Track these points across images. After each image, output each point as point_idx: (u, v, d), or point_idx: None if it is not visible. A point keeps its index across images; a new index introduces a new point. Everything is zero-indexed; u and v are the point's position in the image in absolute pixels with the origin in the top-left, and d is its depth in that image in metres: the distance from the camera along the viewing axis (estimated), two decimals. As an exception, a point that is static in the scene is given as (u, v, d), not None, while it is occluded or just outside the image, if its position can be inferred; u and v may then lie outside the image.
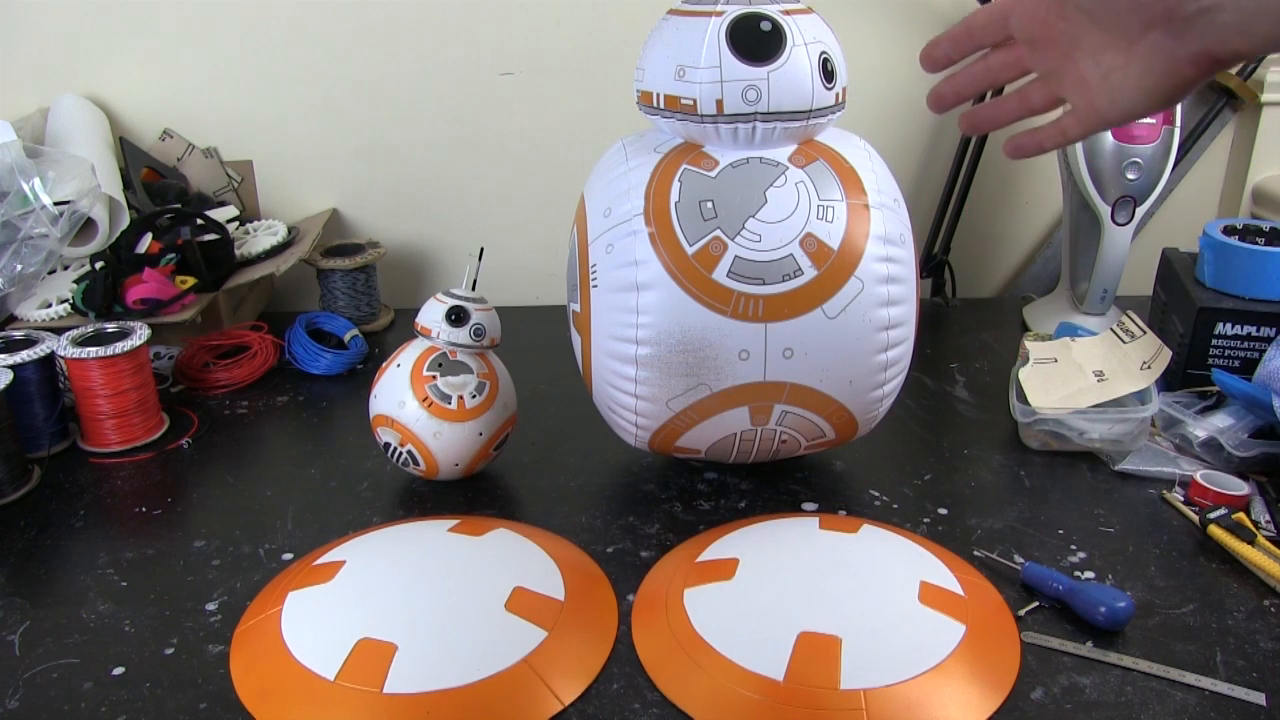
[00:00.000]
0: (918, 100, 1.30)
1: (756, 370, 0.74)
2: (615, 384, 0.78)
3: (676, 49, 0.76)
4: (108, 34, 1.24)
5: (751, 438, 0.80)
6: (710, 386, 0.75)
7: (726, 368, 0.74)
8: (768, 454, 0.84)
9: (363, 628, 0.65)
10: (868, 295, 0.74)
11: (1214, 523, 0.77)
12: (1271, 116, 1.27)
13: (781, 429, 0.80)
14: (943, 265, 1.30)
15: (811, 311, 0.73)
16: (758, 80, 0.73)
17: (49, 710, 0.64)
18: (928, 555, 0.74)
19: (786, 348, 0.74)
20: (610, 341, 0.77)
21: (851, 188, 0.76)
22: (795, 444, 0.83)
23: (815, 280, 0.73)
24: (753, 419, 0.78)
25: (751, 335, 0.73)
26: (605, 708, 0.63)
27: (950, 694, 0.62)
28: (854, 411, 0.80)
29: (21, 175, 1.02)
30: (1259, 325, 0.94)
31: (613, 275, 0.75)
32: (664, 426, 0.79)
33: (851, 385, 0.77)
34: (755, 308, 0.73)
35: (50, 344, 0.93)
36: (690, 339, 0.74)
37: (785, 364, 0.74)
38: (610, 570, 0.76)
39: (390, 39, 1.25)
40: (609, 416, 0.84)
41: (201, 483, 0.91)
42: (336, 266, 1.20)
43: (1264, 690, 0.63)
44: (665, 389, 0.76)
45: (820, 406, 0.78)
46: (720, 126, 0.75)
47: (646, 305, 0.74)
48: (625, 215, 0.76)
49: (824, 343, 0.74)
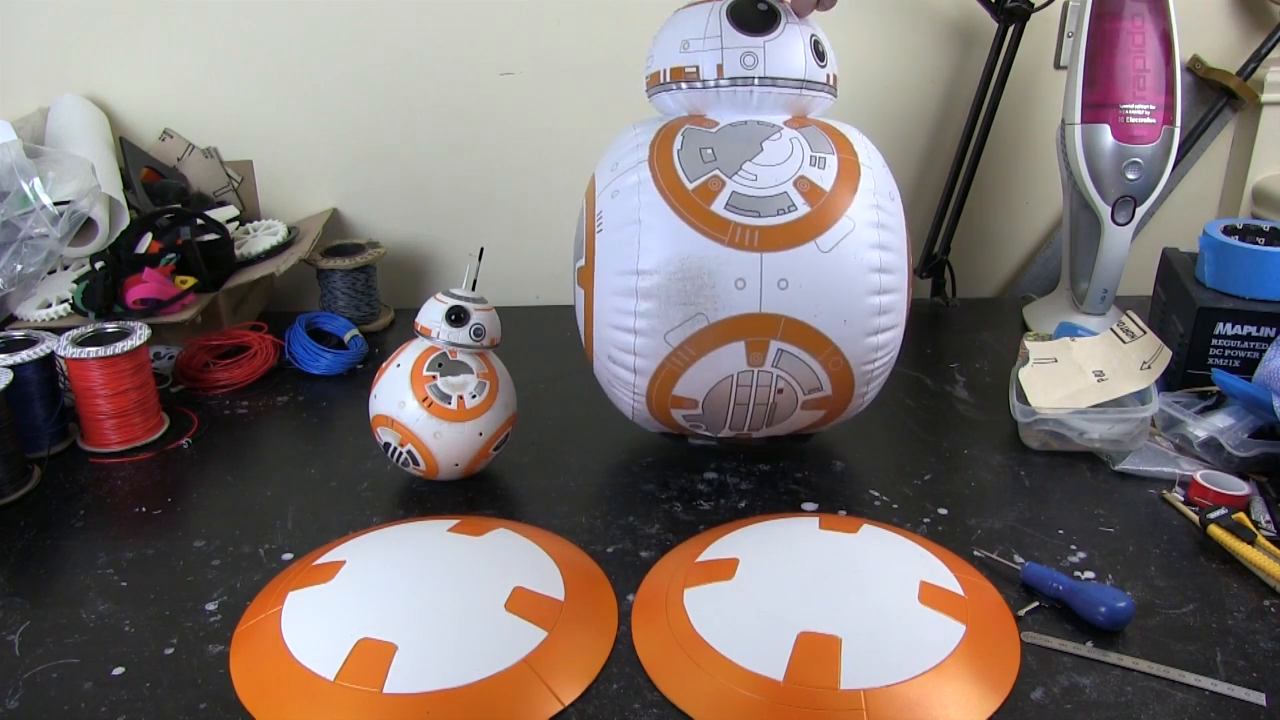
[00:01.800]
0: (918, 101, 1.31)
1: (752, 300, 0.77)
2: (616, 322, 0.80)
3: (682, 29, 0.83)
4: (108, 34, 1.24)
5: (749, 383, 0.80)
6: (708, 316, 0.77)
7: (724, 296, 0.76)
8: (765, 411, 0.83)
9: (363, 628, 0.65)
10: (858, 236, 0.78)
11: (1214, 523, 0.77)
12: (1271, 116, 1.27)
13: (778, 372, 0.80)
14: (943, 265, 1.30)
15: (805, 244, 0.76)
16: (754, 48, 0.80)
17: (49, 710, 0.64)
18: (928, 555, 0.74)
19: (781, 278, 0.76)
20: (614, 277, 0.79)
21: (842, 147, 0.81)
22: (792, 397, 0.82)
23: (808, 215, 0.77)
24: (749, 357, 0.78)
25: (748, 264, 0.76)
26: (605, 708, 0.63)
27: (950, 694, 0.62)
28: (849, 359, 0.80)
29: (21, 175, 1.02)
30: (1259, 325, 0.94)
31: (617, 215, 0.79)
32: (662, 368, 0.80)
33: (846, 325, 0.78)
34: (751, 238, 0.76)
35: (50, 344, 0.93)
36: (689, 266, 0.76)
37: (780, 295, 0.77)
38: (610, 570, 0.76)
39: (390, 39, 1.25)
40: (607, 372, 0.85)
41: (201, 483, 0.91)
42: (336, 266, 1.20)
43: (1264, 690, 0.63)
44: (664, 320, 0.78)
45: (816, 346, 0.78)
46: (720, 90, 0.81)
47: (648, 236, 0.77)
48: (631, 164, 0.81)
49: (817, 276, 0.77)
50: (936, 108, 1.31)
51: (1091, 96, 1.08)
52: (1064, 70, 1.28)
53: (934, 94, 1.30)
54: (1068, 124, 1.10)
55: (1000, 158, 1.32)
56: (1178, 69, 1.08)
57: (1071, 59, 1.10)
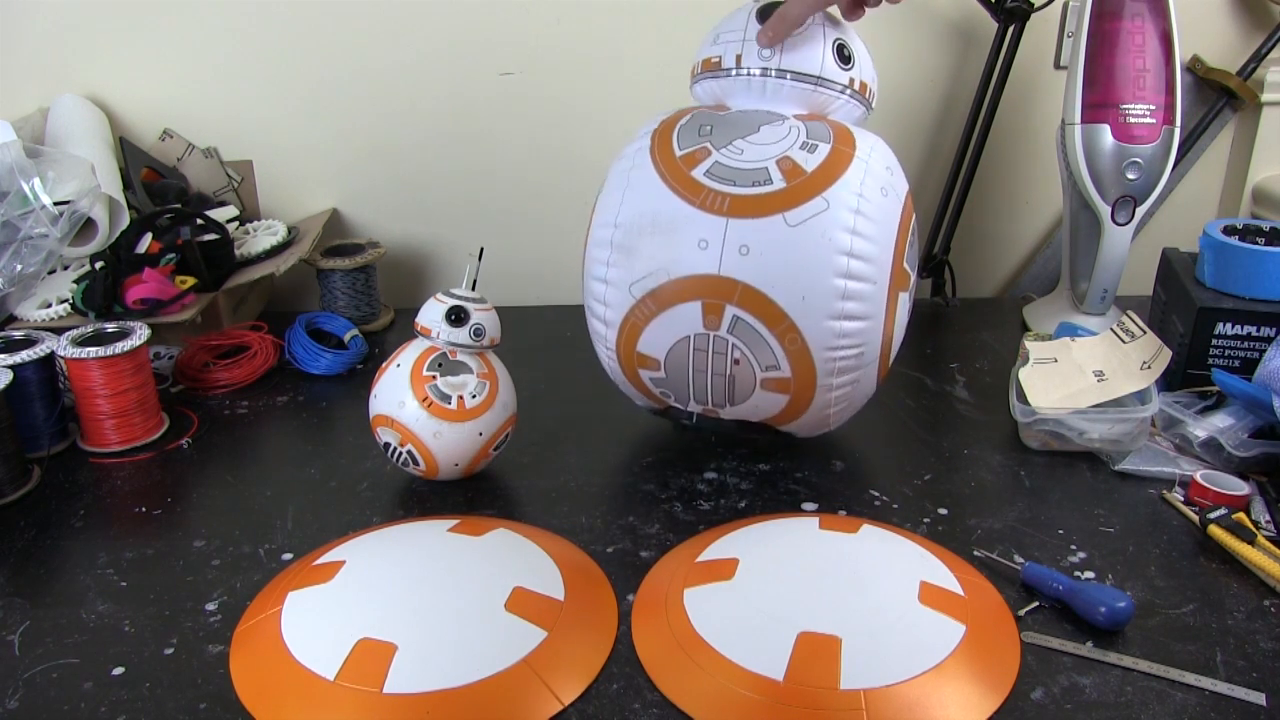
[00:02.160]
0: (918, 101, 1.31)
1: (712, 261, 0.78)
2: (595, 273, 0.84)
3: (722, 24, 0.88)
4: (108, 34, 1.24)
5: (704, 347, 0.81)
6: (669, 272, 0.80)
7: (686, 255, 0.79)
8: (724, 382, 0.83)
9: (363, 628, 0.65)
10: (831, 216, 0.78)
11: (1214, 523, 0.77)
12: (1271, 116, 1.27)
13: (733, 339, 0.80)
14: (943, 265, 1.30)
15: (773, 215, 0.78)
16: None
17: (49, 710, 0.64)
18: (928, 555, 0.74)
19: (743, 244, 0.78)
20: (598, 229, 0.84)
21: (842, 140, 0.82)
22: (749, 373, 0.81)
23: (782, 191, 0.78)
24: (705, 319, 0.80)
25: (713, 226, 0.78)
26: (605, 708, 0.63)
27: (950, 694, 0.62)
28: (808, 340, 0.79)
29: (21, 175, 1.02)
30: (1259, 325, 0.94)
31: (614, 177, 0.85)
32: (626, 321, 0.83)
33: (804, 302, 0.78)
34: (721, 203, 0.79)
35: (50, 344, 0.93)
36: (659, 221, 0.80)
37: (740, 261, 0.78)
38: (610, 570, 0.76)
39: (390, 39, 1.25)
40: (590, 325, 0.88)
41: (201, 483, 0.91)
42: (336, 266, 1.20)
43: (1264, 690, 0.63)
44: (629, 271, 0.81)
45: (771, 317, 0.78)
46: (737, 79, 0.85)
47: (630, 193, 0.83)
48: (640, 134, 0.87)
49: (780, 248, 0.77)
50: (936, 108, 1.31)
51: (1091, 96, 1.08)
52: (1064, 70, 1.28)
53: (934, 94, 1.30)
54: (1068, 124, 1.10)
55: (1000, 158, 1.32)
56: (1178, 69, 1.08)
57: (1071, 59, 1.10)
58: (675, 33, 1.24)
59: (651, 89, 1.26)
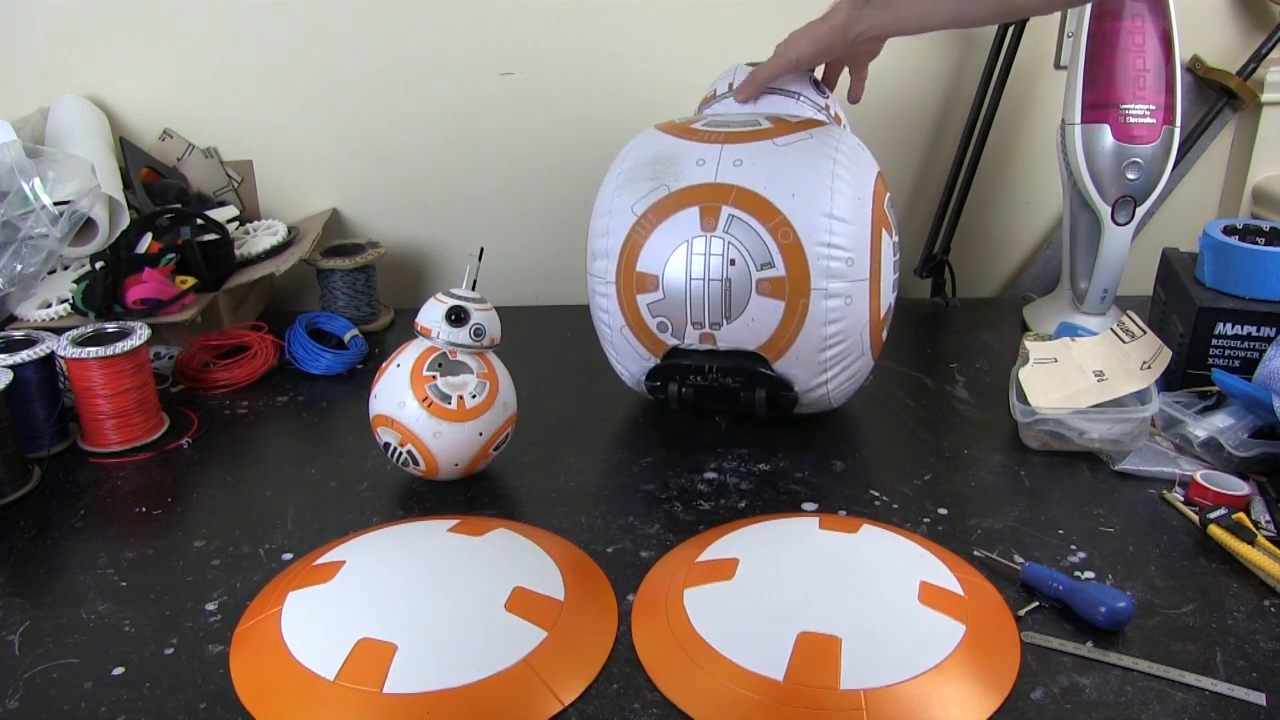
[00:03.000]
0: (918, 101, 1.31)
1: (709, 173, 0.88)
2: (600, 211, 0.92)
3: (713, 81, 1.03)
4: (108, 34, 1.24)
5: (702, 250, 0.86)
6: (669, 186, 0.88)
7: (684, 171, 0.88)
8: (720, 292, 0.86)
9: (363, 628, 0.65)
10: (815, 141, 0.88)
11: (1214, 523, 0.77)
12: (1271, 116, 1.27)
13: (729, 238, 0.85)
14: (943, 265, 1.30)
15: (763, 140, 0.89)
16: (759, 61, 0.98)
17: (49, 710, 0.64)
18: (928, 555, 0.74)
19: (737, 159, 0.87)
20: (606, 186, 0.93)
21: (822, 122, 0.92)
22: (745, 273, 0.85)
23: (770, 128, 0.91)
24: (703, 221, 0.86)
25: (709, 150, 0.89)
26: (605, 708, 0.63)
27: (950, 694, 0.62)
28: (800, 233, 0.84)
29: (21, 175, 1.02)
30: (1259, 325, 0.94)
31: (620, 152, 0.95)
32: (627, 242, 0.89)
33: (795, 199, 0.85)
34: (717, 136, 0.90)
35: (50, 344, 0.93)
36: (660, 154, 0.91)
37: (735, 170, 0.87)
38: (610, 570, 0.76)
39: (390, 39, 1.25)
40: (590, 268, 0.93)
41: (201, 483, 0.91)
42: (336, 266, 1.20)
43: (1264, 690, 0.63)
44: (633, 193, 0.89)
45: (765, 214, 0.85)
46: (728, 100, 0.99)
47: (635, 148, 0.93)
48: None
49: (771, 160, 0.87)
50: (936, 108, 1.31)
51: (1091, 96, 1.08)
52: (1064, 70, 1.28)
53: (934, 94, 1.30)
54: (1068, 124, 1.10)
55: (1000, 158, 1.32)
56: (1178, 69, 1.08)
57: (1071, 59, 1.10)
58: (675, 33, 1.24)
59: (652, 89, 1.26)
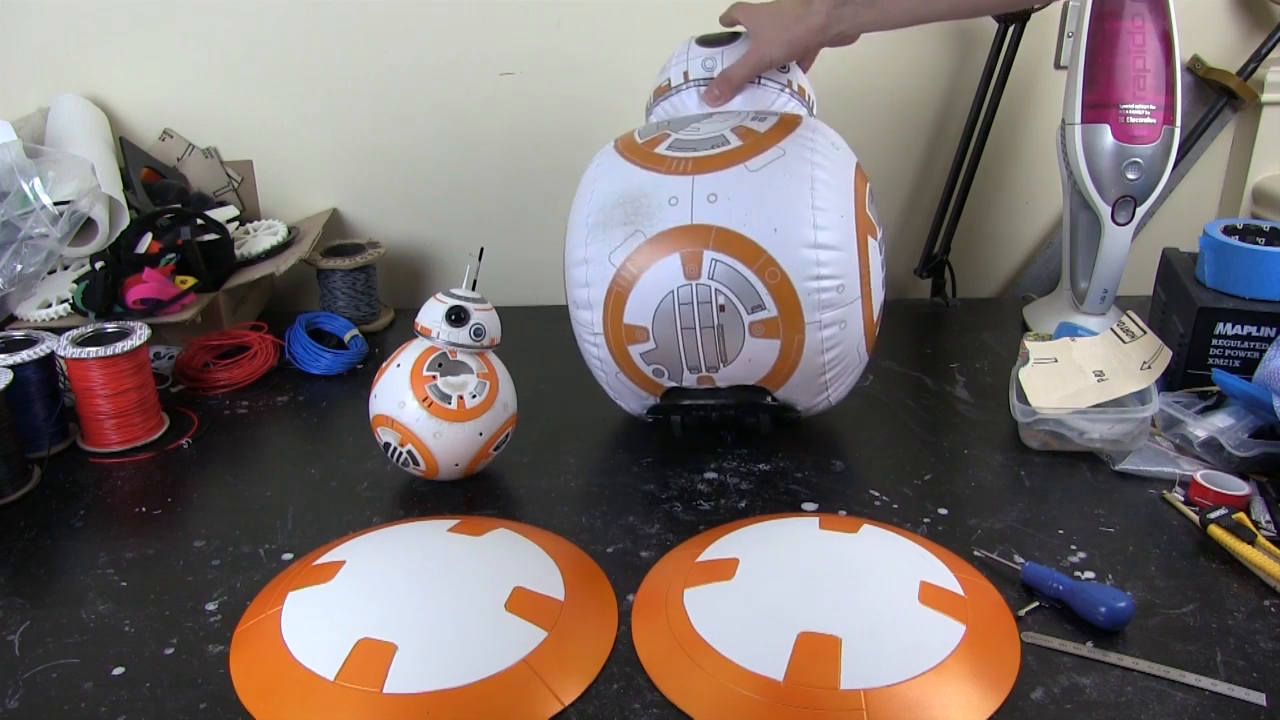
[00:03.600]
0: (918, 101, 1.31)
1: (684, 214, 0.83)
2: (573, 259, 0.87)
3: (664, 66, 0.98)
4: (108, 34, 1.24)
5: (689, 299, 0.82)
6: (644, 233, 0.83)
7: (658, 213, 0.83)
8: (714, 338, 0.84)
9: (363, 628, 0.65)
10: (791, 157, 0.84)
11: (1214, 523, 0.77)
12: (1271, 116, 1.27)
13: (715, 284, 0.81)
14: (943, 265, 1.30)
15: (735, 166, 0.83)
16: (714, 54, 0.94)
17: (49, 710, 0.64)
18: (928, 555, 0.74)
19: (711, 193, 0.82)
20: (575, 228, 0.88)
21: (790, 119, 0.89)
22: (736, 317, 0.82)
23: (740, 147, 0.85)
24: (685, 269, 0.82)
25: (680, 185, 0.83)
26: (605, 708, 0.63)
27: (950, 694, 0.62)
28: (788, 271, 0.81)
29: (21, 175, 1.02)
30: (1259, 325, 0.94)
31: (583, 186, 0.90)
32: (610, 295, 0.85)
33: (777, 234, 0.81)
34: (685, 165, 0.84)
35: (50, 344, 0.93)
36: (629, 192, 0.85)
37: (710, 208, 0.82)
38: (610, 570, 0.76)
39: (391, 39, 1.25)
40: (576, 321, 0.90)
41: (201, 483, 0.91)
42: (336, 266, 1.20)
43: (1264, 690, 0.63)
44: (608, 242, 0.84)
45: (748, 255, 0.81)
46: (687, 91, 0.94)
47: (600, 182, 0.88)
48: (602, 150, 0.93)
49: (745, 190, 0.82)
50: (936, 108, 1.31)
51: (1091, 96, 1.08)
52: (1064, 70, 1.28)
53: (934, 94, 1.30)
54: (1068, 124, 1.10)
55: (1000, 158, 1.32)
56: (1178, 69, 1.08)
57: (1071, 59, 1.10)
58: (675, 33, 1.24)
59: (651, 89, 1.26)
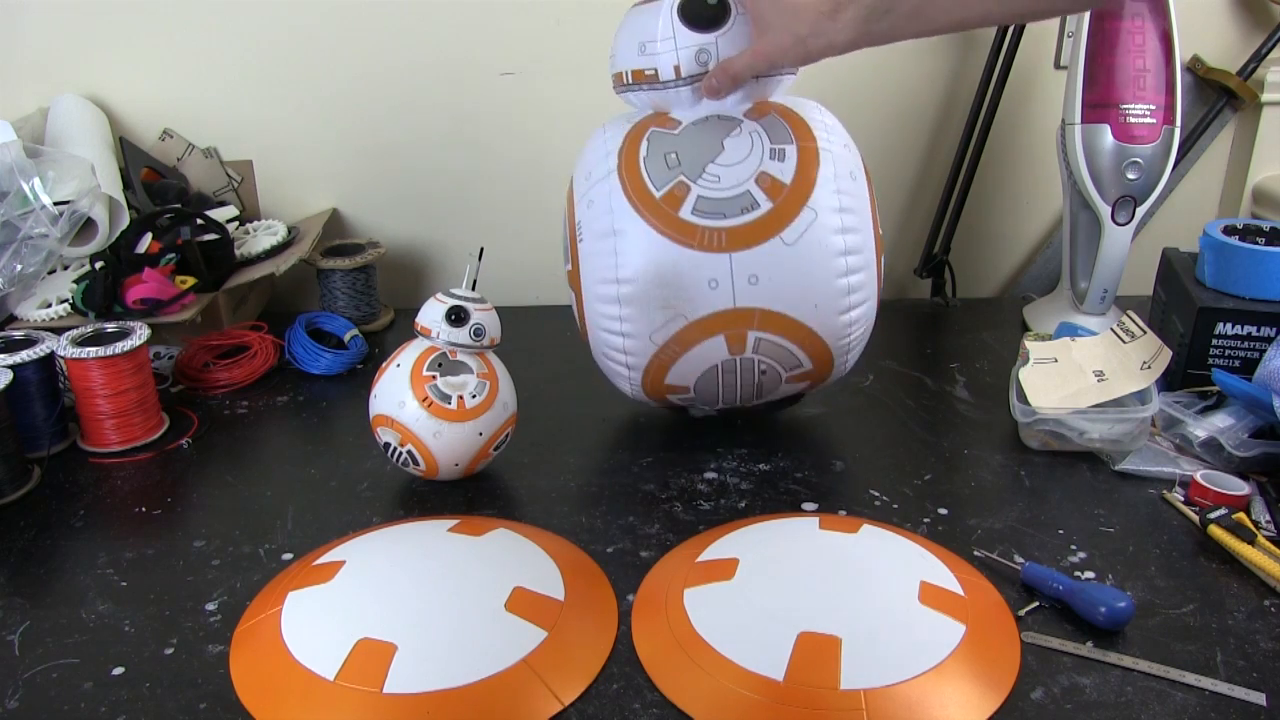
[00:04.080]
0: (918, 101, 1.31)
1: (726, 298, 0.81)
2: (604, 325, 0.85)
3: (638, 30, 0.85)
4: (108, 34, 1.24)
5: (733, 370, 0.85)
6: (686, 316, 0.82)
7: (699, 297, 0.81)
8: (752, 389, 0.88)
9: (363, 628, 0.65)
10: (822, 223, 0.81)
11: (1214, 523, 0.77)
12: (1271, 116, 1.27)
13: (759, 358, 0.84)
14: (943, 265, 1.30)
15: (770, 240, 0.81)
16: (708, 44, 0.83)
17: (49, 710, 0.64)
18: (928, 555, 0.74)
19: (751, 274, 0.81)
20: (597, 285, 0.84)
21: (801, 134, 0.84)
22: (775, 376, 0.86)
23: (771, 212, 0.81)
24: (730, 347, 0.83)
25: (718, 265, 0.81)
26: (605, 708, 0.63)
27: (950, 694, 0.62)
28: (824, 337, 0.84)
29: (21, 175, 1.02)
30: (1259, 325, 0.94)
31: (594, 226, 0.84)
32: (651, 363, 0.85)
33: (817, 309, 0.83)
34: (719, 239, 0.81)
35: (50, 344, 0.93)
36: (664, 272, 0.81)
37: (751, 290, 0.81)
38: (610, 570, 0.76)
39: (390, 39, 1.25)
40: (605, 365, 0.90)
41: (201, 483, 0.91)
42: (336, 266, 1.20)
43: (1264, 690, 0.63)
44: (646, 323, 0.83)
45: (790, 331, 0.83)
46: (680, 90, 0.84)
47: (624, 247, 0.82)
48: (602, 174, 0.85)
49: (784, 268, 0.81)
50: (936, 108, 1.31)
51: (1091, 96, 1.08)
52: (1064, 70, 1.28)
53: (934, 94, 1.30)
54: (1068, 124, 1.10)
55: (1000, 158, 1.32)
56: (1178, 69, 1.08)
57: (1071, 59, 1.10)
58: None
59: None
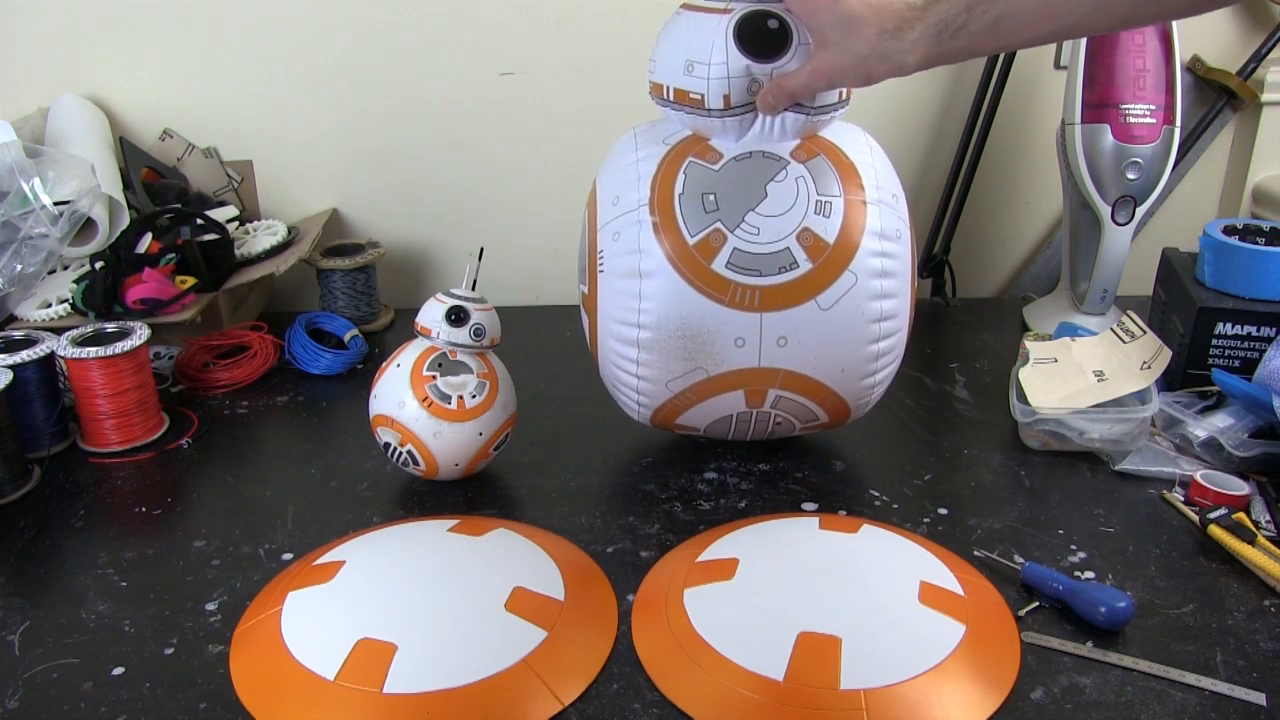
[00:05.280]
0: (918, 99, 1.31)
1: (751, 357, 0.78)
2: (619, 364, 0.82)
3: (686, 44, 0.77)
4: (108, 34, 1.24)
5: (747, 419, 0.83)
6: (707, 370, 0.78)
7: (723, 354, 0.77)
8: (764, 434, 0.87)
9: (363, 628, 0.65)
10: (861, 288, 0.77)
11: (1214, 523, 0.77)
12: (1271, 116, 1.27)
13: (776, 412, 0.82)
14: (943, 265, 1.30)
15: (805, 303, 0.76)
16: (763, 76, 0.76)
17: (49, 710, 0.64)
18: (928, 555, 0.74)
19: (781, 336, 0.77)
20: (614, 325, 0.80)
21: (850, 184, 0.78)
22: (789, 425, 0.85)
23: (810, 273, 0.76)
24: (748, 401, 0.81)
25: (747, 324, 0.76)
26: (605, 708, 0.63)
27: (950, 694, 0.62)
28: (845, 397, 0.82)
29: (21, 175, 1.02)
30: (1259, 325, 0.94)
31: (618, 262, 0.79)
32: (664, 405, 0.83)
33: (843, 373, 0.80)
34: (752, 298, 0.76)
35: (50, 344, 0.93)
36: (689, 325, 0.77)
37: (779, 352, 0.77)
38: (610, 570, 0.76)
39: (390, 39, 1.25)
40: (614, 393, 0.87)
41: (201, 483, 0.91)
42: (336, 266, 1.20)
43: (1264, 690, 0.63)
44: (665, 371, 0.79)
45: (812, 392, 0.81)
46: (726, 120, 0.77)
47: (648, 292, 0.77)
48: (632, 204, 0.79)
49: (816, 333, 0.77)
50: (936, 108, 1.31)
51: (1091, 96, 1.08)
52: (1064, 70, 1.28)
53: (934, 94, 1.30)
54: (1068, 124, 1.10)
55: (1000, 158, 1.32)
56: (1178, 69, 1.08)
57: (1071, 59, 1.10)
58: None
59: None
